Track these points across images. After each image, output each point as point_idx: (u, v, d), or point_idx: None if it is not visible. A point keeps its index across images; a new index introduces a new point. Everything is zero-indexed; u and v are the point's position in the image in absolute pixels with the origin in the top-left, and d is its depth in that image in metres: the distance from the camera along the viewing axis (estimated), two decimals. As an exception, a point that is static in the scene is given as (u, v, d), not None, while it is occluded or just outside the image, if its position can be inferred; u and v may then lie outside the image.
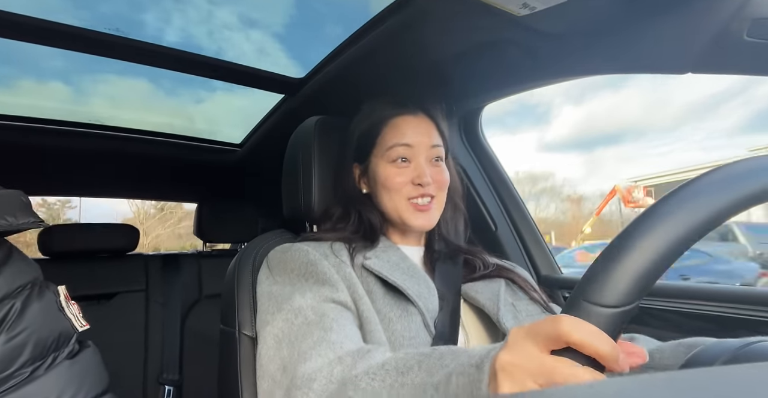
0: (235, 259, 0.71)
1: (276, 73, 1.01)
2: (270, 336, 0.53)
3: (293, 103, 1.09)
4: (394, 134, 0.67)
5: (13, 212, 0.57)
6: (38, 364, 0.56)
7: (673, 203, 0.28)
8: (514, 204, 1.14)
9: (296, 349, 0.49)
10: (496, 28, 0.65)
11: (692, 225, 0.27)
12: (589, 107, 22.65)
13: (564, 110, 30.48)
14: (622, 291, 0.27)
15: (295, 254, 0.62)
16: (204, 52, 0.94)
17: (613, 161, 26.82)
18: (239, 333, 0.63)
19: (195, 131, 1.45)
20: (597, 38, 0.62)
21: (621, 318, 0.27)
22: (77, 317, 0.63)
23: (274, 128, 1.25)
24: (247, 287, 0.66)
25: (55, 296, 0.63)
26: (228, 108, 1.34)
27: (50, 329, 0.58)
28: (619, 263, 0.27)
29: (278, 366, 0.50)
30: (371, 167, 0.69)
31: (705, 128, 18.93)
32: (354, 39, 0.81)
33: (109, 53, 0.89)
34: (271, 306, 0.57)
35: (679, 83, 29.10)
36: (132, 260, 1.55)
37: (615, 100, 20.58)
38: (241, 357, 0.62)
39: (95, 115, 1.28)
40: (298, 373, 0.46)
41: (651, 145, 22.05)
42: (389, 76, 0.86)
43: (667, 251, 0.27)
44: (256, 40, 1.09)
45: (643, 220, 0.28)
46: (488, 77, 0.86)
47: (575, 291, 0.29)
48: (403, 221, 0.67)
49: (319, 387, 0.43)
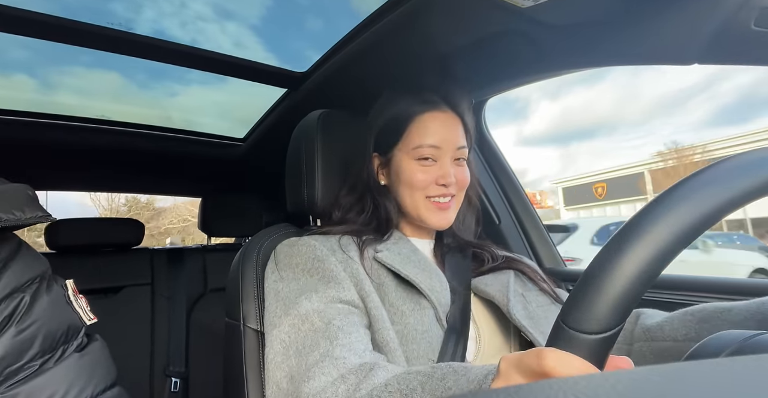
0: (240, 253, 0.71)
1: (279, 67, 1.01)
2: (277, 341, 0.53)
3: (296, 97, 1.09)
4: (421, 133, 0.65)
5: (21, 206, 0.57)
6: (47, 357, 0.57)
7: (645, 222, 0.27)
8: (518, 197, 1.14)
9: (303, 361, 0.49)
10: (500, 20, 0.65)
11: (668, 242, 0.26)
12: (565, 102, 22.87)
13: (541, 105, 30.38)
14: (604, 317, 0.26)
15: (302, 248, 0.62)
16: (204, 46, 0.93)
17: (588, 154, 26.72)
18: (244, 325, 0.64)
19: (201, 125, 1.45)
20: (602, 29, 0.61)
21: (606, 344, 0.27)
22: (85, 310, 0.64)
23: (277, 122, 1.25)
24: (252, 281, 0.66)
25: (63, 289, 0.63)
26: (229, 98, 1.33)
27: (59, 322, 0.59)
28: (598, 289, 0.26)
29: (285, 375, 0.51)
30: (394, 161, 0.68)
31: (673, 122, 19.02)
32: (357, 32, 0.80)
33: (111, 48, 0.89)
34: (278, 307, 0.57)
35: (649, 78, 29.08)
36: (138, 254, 1.57)
37: (589, 95, 20.73)
38: (246, 350, 0.63)
39: (104, 110, 1.29)
40: (302, 393, 0.46)
41: (624, 138, 21.99)
42: (393, 70, 0.86)
43: (644, 273, 0.26)
44: (256, 33, 1.08)
45: (616, 242, 0.27)
46: (493, 70, 0.86)
47: (558, 318, 0.28)
48: (420, 218, 0.67)
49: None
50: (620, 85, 24.85)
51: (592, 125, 23.55)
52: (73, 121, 1.24)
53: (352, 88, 0.96)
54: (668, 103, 18.42)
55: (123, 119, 1.30)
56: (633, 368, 0.15)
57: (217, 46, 0.94)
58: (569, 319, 0.27)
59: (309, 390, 0.46)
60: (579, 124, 19.83)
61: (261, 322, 0.64)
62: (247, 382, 0.61)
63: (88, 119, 1.26)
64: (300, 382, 0.47)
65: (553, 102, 20.71)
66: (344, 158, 0.75)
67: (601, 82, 30.98)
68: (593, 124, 22.42)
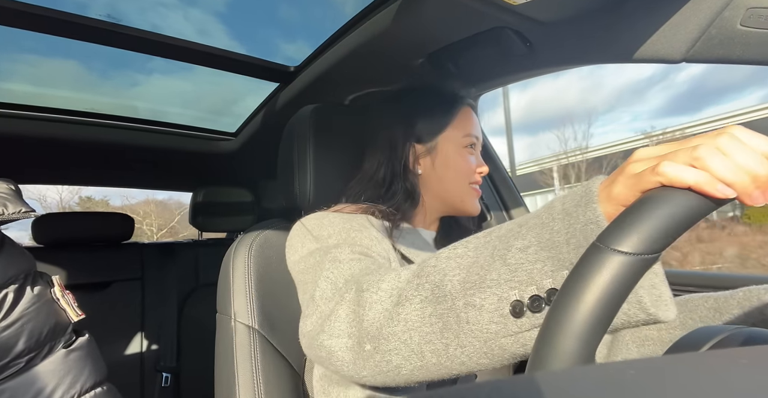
0: (232, 247, 0.71)
1: (270, 62, 1.00)
2: (324, 282, 0.50)
3: (288, 92, 1.08)
4: (467, 124, 0.71)
5: (4, 202, 0.56)
6: (34, 354, 0.56)
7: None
8: (510, 194, 1.15)
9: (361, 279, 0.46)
10: (492, 16, 0.65)
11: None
12: (533, 92, 23.28)
13: (511, 96, 30.93)
14: (649, 238, 0.25)
15: (335, 220, 0.60)
16: (193, 38, 0.92)
17: (555, 143, 27.44)
18: (235, 320, 0.64)
19: (191, 118, 1.43)
20: (591, 27, 0.62)
21: (644, 267, 0.26)
22: (73, 307, 0.63)
23: (268, 116, 1.24)
24: (243, 276, 0.66)
25: (50, 286, 0.63)
26: (220, 92, 1.31)
27: (45, 319, 0.58)
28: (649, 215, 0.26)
29: (345, 279, 0.48)
30: (440, 150, 0.70)
31: (632, 111, 19.62)
32: (348, 27, 0.80)
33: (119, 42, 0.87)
34: (316, 257, 0.54)
35: (612, 69, 29.66)
36: (128, 248, 1.55)
37: (556, 85, 21.13)
38: (237, 345, 0.63)
39: (94, 102, 1.26)
40: (363, 299, 0.43)
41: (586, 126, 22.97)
42: (385, 66, 0.85)
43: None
44: (250, 28, 1.07)
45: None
46: (485, 66, 0.86)
47: (594, 242, 0.27)
48: (463, 204, 0.70)
49: (396, 275, 0.42)
50: (584, 76, 25.39)
51: (559, 114, 24.00)
52: (26, 110, 1.21)
53: (345, 83, 0.96)
54: (628, 92, 18.99)
55: (88, 109, 1.27)
56: (611, 362, 0.16)
57: (215, 39, 0.93)
58: (608, 239, 0.26)
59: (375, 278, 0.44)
60: (547, 113, 20.30)
61: (252, 317, 0.64)
62: (238, 377, 0.61)
63: (74, 111, 1.24)
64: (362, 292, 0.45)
65: (522, 93, 21.09)
66: (337, 153, 0.75)
67: (567, 73, 31.53)
68: (560, 113, 22.92)
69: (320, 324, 0.45)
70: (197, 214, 1.71)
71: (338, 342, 0.43)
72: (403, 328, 0.37)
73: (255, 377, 0.61)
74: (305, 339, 0.49)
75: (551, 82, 22.20)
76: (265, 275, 0.67)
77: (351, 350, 0.41)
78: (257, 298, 0.65)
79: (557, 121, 21.18)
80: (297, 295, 0.69)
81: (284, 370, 0.64)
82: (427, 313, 0.36)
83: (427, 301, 0.37)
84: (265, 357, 0.63)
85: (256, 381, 0.61)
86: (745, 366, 0.15)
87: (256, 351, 0.62)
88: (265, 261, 0.68)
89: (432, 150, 0.70)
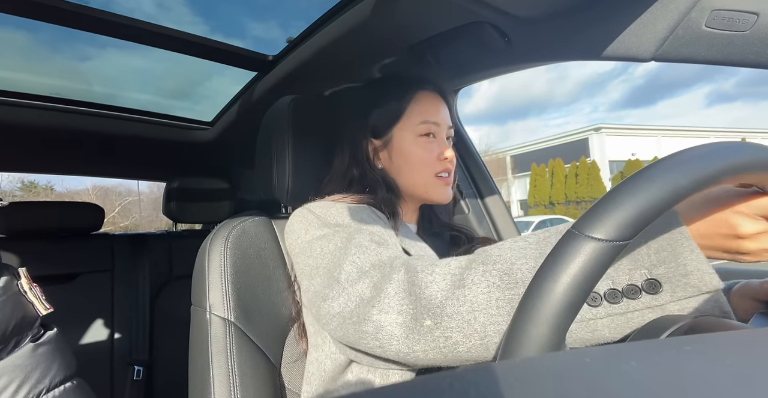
0: (207, 239, 0.70)
1: (248, 50, 0.98)
2: (349, 266, 0.51)
3: (266, 81, 1.06)
4: (422, 110, 0.67)
5: None
6: (0, 348, 0.54)
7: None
8: (487, 188, 1.17)
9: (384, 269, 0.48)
10: (471, 11, 0.65)
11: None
12: (502, 83, 23.95)
13: (483, 85, 31.32)
14: (620, 225, 0.26)
15: (343, 209, 0.60)
16: (169, 24, 0.89)
17: (521, 132, 27.80)
18: (210, 313, 0.63)
19: (165, 107, 1.38)
20: (567, 25, 0.63)
21: (614, 253, 0.27)
22: (41, 300, 0.61)
23: (246, 106, 1.21)
24: (218, 268, 0.66)
25: (16, 278, 0.61)
26: (196, 80, 1.28)
27: (11, 312, 0.56)
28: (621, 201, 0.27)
29: (367, 286, 0.48)
30: (394, 142, 0.68)
31: (592, 102, 20.47)
32: (327, 18, 0.79)
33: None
34: (334, 242, 0.55)
35: (577, 62, 30.57)
36: (97, 239, 1.51)
37: (523, 76, 21.79)
38: (212, 337, 0.62)
39: (60, 88, 1.20)
40: (417, 280, 0.44)
41: (550, 117, 23.12)
42: (364, 58, 0.85)
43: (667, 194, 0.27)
44: (227, 15, 1.04)
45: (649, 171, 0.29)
46: (463, 61, 0.86)
47: (569, 228, 0.28)
48: (428, 195, 0.68)
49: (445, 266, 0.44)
50: (551, 67, 25.81)
51: (526, 104, 24.72)
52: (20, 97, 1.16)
53: (324, 75, 0.95)
54: (590, 84, 19.66)
55: (54, 94, 1.21)
56: (572, 350, 0.17)
57: (192, 26, 0.89)
58: (583, 226, 0.27)
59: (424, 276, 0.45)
60: (514, 103, 20.85)
61: (228, 310, 0.63)
62: (213, 369, 0.61)
63: (38, 96, 1.19)
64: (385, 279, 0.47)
65: (492, 82, 21.52)
66: (316, 145, 0.75)
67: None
68: (527, 103, 23.55)
69: (363, 303, 0.46)
70: (170, 204, 1.67)
71: (388, 317, 0.44)
72: (468, 309, 0.39)
73: (230, 369, 0.61)
74: (336, 319, 0.49)
75: (522, 73, 22.59)
76: (241, 267, 0.66)
77: (403, 325, 0.43)
78: (233, 290, 0.64)
79: (522, 110, 21.54)
80: (274, 287, 0.69)
81: (261, 362, 0.64)
82: (494, 297, 0.39)
83: (494, 286, 0.39)
84: (240, 349, 0.62)
85: (231, 373, 0.60)
86: (687, 353, 0.17)
87: (231, 343, 0.62)
88: (242, 253, 0.67)
89: (387, 143, 0.68)
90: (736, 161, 0.29)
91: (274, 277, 0.69)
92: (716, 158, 0.28)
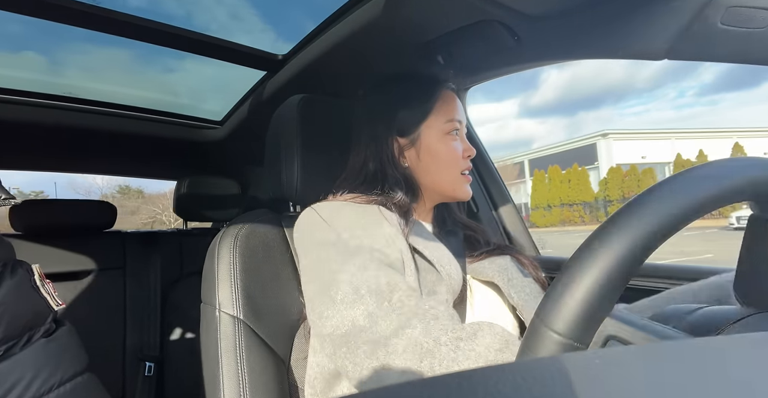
0: (217, 237, 0.70)
1: (258, 49, 0.99)
2: (344, 284, 0.52)
3: (275, 80, 1.07)
4: (448, 109, 0.68)
5: None
6: (13, 342, 0.56)
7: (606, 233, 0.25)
8: (496, 187, 1.16)
9: (382, 301, 0.49)
10: (481, 9, 0.65)
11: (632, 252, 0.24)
12: (574, 70, 23.32)
13: (551, 74, 30.16)
14: (573, 325, 0.23)
15: (350, 213, 0.60)
16: (178, 24, 0.90)
17: (594, 122, 27.10)
18: (219, 311, 0.64)
19: (176, 106, 1.40)
20: (577, 22, 0.62)
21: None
22: (53, 296, 0.63)
23: (255, 105, 1.22)
24: (228, 266, 0.66)
25: (29, 274, 0.62)
26: (206, 79, 1.29)
27: (24, 308, 0.57)
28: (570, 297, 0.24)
29: (362, 312, 0.49)
30: (422, 140, 0.68)
31: (679, 87, 19.58)
32: (336, 17, 0.79)
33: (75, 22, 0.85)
34: (335, 253, 0.55)
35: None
36: (109, 237, 1.53)
37: (598, 62, 20.85)
38: (222, 334, 0.63)
39: (72, 87, 1.22)
40: (395, 332, 0.46)
41: (628, 104, 22.05)
42: (374, 57, 0.85)
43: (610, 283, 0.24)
44: (237, 14, 1.05)
45: (580, 254, 0.25)
46: (474, 59, 0.86)
47: (536, 312, 0.26)
48: (455, 192, 0.68)
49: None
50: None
51: (601, 92, 23.85)
52: (38, 97, 1.18)
53: (333, 74, 0.95)
54: (678, 66, 18.83)
55: (95, 97, 1.24)
56: (584, 351, 0.16)
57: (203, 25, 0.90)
58: (545, 316, 0.25)
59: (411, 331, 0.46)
60: (588, 92, 20.07)
61: (237, 307, 0.64)
62: (222, 366, 0.61)
63: (54, 96, 1.21)
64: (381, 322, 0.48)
65: (561, 71, 20.92)
66: (325, 144, 0.75)
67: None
68: (602, 91, 22.60)
69: (356, 330, 0.49)
70: (181, 203, 1.69)
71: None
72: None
73: (239, 366, 0.61)
74: (328, 338, 0.51)
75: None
76: (250, 265, 0.67)
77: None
78: (242, 288, 0.65)
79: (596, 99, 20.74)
80: (283, 285, 0.69)
81: (269, 360, 0.65)
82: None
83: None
84: (249, 346, 0.63)
85: (240, 370, 0.61)
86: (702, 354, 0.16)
87: (240, 341, 0.62)
88: (251, 252, 0.68)
89: (415, 141, 0.68)
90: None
91: (282, 275, 0.70)
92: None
